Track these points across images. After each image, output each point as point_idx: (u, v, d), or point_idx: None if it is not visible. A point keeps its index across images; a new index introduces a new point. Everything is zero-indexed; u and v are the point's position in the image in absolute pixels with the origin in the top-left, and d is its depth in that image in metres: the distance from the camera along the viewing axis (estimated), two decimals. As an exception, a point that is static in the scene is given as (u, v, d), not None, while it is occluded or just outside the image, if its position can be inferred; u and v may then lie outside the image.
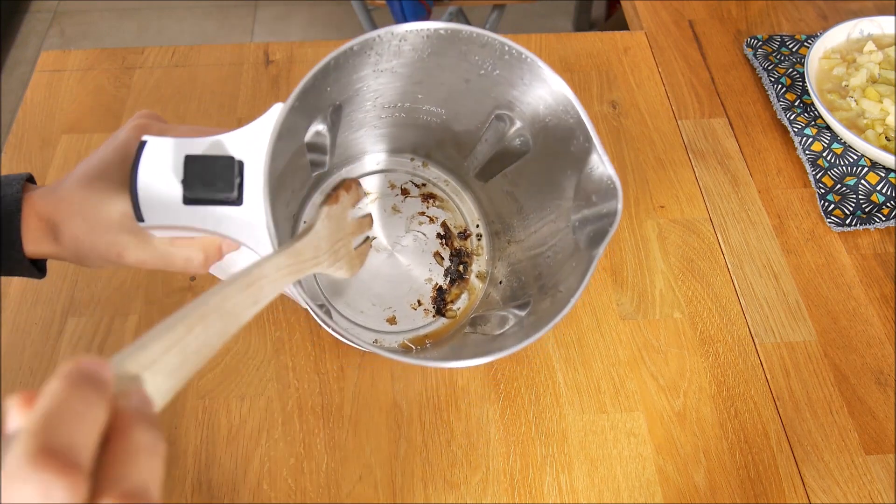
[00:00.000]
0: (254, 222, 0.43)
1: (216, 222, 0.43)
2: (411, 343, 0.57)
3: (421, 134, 0.57)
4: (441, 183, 0.59)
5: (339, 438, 0.63)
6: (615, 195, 0.46)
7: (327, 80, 0.45)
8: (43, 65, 0.90)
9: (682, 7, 0.99)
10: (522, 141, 0.53)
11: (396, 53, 0.47)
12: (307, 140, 0.50)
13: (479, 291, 0.58)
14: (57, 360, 0.67)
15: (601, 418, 0.65)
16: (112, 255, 0.45)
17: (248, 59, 0.91)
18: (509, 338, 0.50)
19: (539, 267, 0.55)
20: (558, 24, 2.13)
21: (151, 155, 0.43)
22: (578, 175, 0.49)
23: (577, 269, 0.48)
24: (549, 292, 0.51)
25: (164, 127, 0.47)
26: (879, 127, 0.81)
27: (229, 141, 0.44)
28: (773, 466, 0.63)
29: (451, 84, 0.51)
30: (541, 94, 0.49)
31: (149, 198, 0.43)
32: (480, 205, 0.59)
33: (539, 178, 0.54)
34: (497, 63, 0.48)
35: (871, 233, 0.77)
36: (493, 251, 0.59)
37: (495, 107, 0.52)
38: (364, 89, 0.50)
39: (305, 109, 0.46)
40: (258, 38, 2.12)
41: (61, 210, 0.44)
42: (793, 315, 0.71)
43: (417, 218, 0.58)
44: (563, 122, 0.49)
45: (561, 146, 0.50)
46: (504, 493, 0.61)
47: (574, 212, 0.51)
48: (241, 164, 0.43)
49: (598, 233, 0.47)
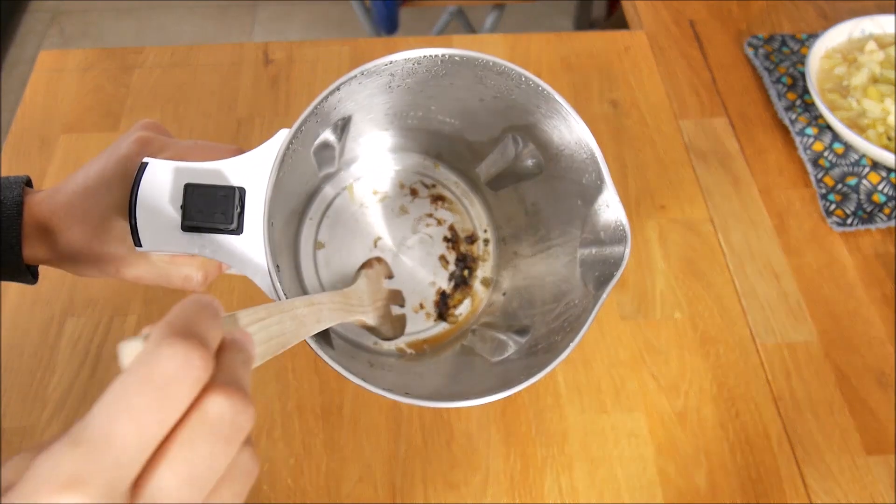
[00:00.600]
0: (253, 251, 0.43)
1: (214, 250, 0.43)
2: (409, 347, 0.56)
3: (433, 137, 0.56)
4: (451, 185, 0.59)
5: (338, 439, 0.63)
6: (624, 239, 0.46)
7: (334, 101, 0.45)
8: (42, 64, 0.90)
9: (682, 6, 0.99)
10: (535, 163, 0.53)
11: (411, 73, 0.47)
12: (314, 149, 0.50)
13: (482, 298, 0.58)
14: (57, 360, 0.67)
15: (602, 419, 0.65)
16: (110, 269, 0.45)
17: (247, 58, 0.91)
18: (509, 368, 0.49)
19: (543, 290, 0.54)
20: (558, 23, 2.13)
21: (151, 178, 0.43)
22: (588, 209, 0.49)
23: (579, 307, 0.48)
24: (549, 322, 0.51)
25: (167, 142, 0.46)
26: (881, 126, 0.81)
27: (231, 168, 0.44)
28: (775, 467, 0.63)
29: (466, 100, 0.51)
30: (555, 124, 0.49)
31: (147, 222, 0.42)
32: (490, 210, 0.59)
33: (550, 200, 0.54)
34: (514, 90, 0.48)
35: (872, 233, 0.77)
36: (500, 258, 0.59)
37: (509, 126, 0.52)
38: (376, 102, 0.50)
39: (311, 131, 0.46)
40: (258, 37, 2.12)
41: (59, 218, 0.44)
42: (794, 315, 0.71)
43: (425, 220, 0.58)
44: (576, 154, 0.49)
45: (573, 175, 0.50)
46: (504, 494, 0.61)
47: (581, 245, 0.51)
48: (242, 192, 0.43)
49: (604, 275, 0.47)
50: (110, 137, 0.83)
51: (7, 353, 0.67)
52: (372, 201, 0.57)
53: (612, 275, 0.46)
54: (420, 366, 0.55)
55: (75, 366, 0.67)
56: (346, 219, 0.56)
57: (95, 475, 0.20)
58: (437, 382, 0.52)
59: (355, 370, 0.44)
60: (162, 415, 0.21)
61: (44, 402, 0.65)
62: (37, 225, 0.44)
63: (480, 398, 0.43)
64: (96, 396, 0.71)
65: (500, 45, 0.93)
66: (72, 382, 0.66)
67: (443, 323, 0.57)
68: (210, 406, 0.22)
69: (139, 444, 0.21)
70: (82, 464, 0.20)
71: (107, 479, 0.20)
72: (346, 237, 0.56)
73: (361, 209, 0.56)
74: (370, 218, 0.56)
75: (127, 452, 0.20)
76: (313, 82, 0.89)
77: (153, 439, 0.21)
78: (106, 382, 0.65)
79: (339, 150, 0.52)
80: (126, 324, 0.69)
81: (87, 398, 0.65)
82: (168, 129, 0.49)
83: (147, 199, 0.43)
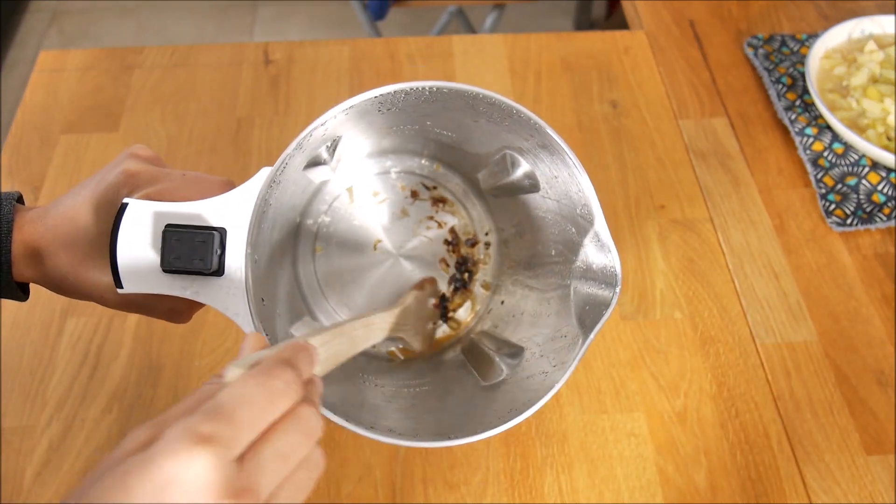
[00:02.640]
0: (234, 293, 0.43)
1: (196, 291, 0.44)
2: (401, 353, 0.56)
3: (432, 144, 0.56)
4: (453, 186, 0.58)
5: (338, 438, 0.63)
6: (614, 283, 0.46)
7: (319, 133, 0.45)
8: (42, 64, 0.90)
9: (682, 7, 0.99)
10: (531, 183, 0.52)
11: (401, 100, 0.47)
12: (305, 167, 0.50)
13: (482, 302, 0.58)
14: (57, 360, 0.67)
15: (602, 418, 0.65)
16: (94, 295, 0.46)
17: (247, 58, 0.91)
18: (496, 399, 0.50)
19: (537, 311, 0.54)
20: (558, 23, 2.13)
21: (132, 220, 0.43)
22: (581, 239, 0.49)
23: (568, 340, 0.48)
24: (536, 351, 0.51)
25: (155, 173, 0.46)
26: (880, 126, 0.81)
27: (213, 208, 0.44)
28: (774, 467, 0.63)
29: (461, 120, 0.50)
30: (548, 154, 0.48)
31: (128, 264, 0.43)
32: (491, 213, 0.58)
33: (546, 219, 0.54)
34: (506, 119, 0.47)
35: (871, 233, 0.77)
36: (501, 262, 0.58)
37: (505, 146, 0.52)
38: (369, 124, 0.50)
39: (296, 160, 0.46)
40: (258, 37, 2.12)
41: (47, 240, 0.44)
42: (794, 315, 0.71)
43: (426, 222, 0.57)
44: (569, 186, 0.48)
45: (567, 202, 0.49)
46: (504, 494, 0.61)
47: (573, 276, 0.50)
48: (223, 234, 0.43)
49: (593, 316, 0.47)
50: (110, 137, 0.84)
51: (7, 353, 0.67)
52: (371, 203, 0.56)
53: (601, 315, 0.46)
54: (411, 377, 0.54)
55: (75, 366, 0.67)
56: (346, 221, 0.55)
57: (222, 438, 0.27)
58: (430, 405, 0.52)
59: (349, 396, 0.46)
60: (270, 412, 0.30)
61: (44, 402, 0.65)
62: (25, 245, 0.45)
63: (455, 440, 0.45)
64: (96, 396, 0.71)
65: (500, 45, 0.93)
66: (72, 382, 0.66)
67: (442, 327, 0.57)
68: (302, 412, 0.31)
69: (253, 426, 0.29)
70: (214, 429, 0.27)
71: (228, 443, 0.27)
72: (345, 240, 0.55)
73: (361, 211, 0.56)
74: (370, 220, 0.56)
75: (244, 429, 0.28)
76: (313, 82, 0.89)
77: (261, 424, 0.29)
78: (106, 382, 0.66)
79: (333, 164, 0.52)
80: (126, 324, 0.69)
81: (87, 398, 0.65)
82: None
83: (128, 241, 0.43)
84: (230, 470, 0.27)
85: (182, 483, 0.26)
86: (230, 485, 0.27)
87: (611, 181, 0.81)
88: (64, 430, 0.63)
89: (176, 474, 0.26)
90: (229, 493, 0.27)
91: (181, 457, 0.26)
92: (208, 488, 0.26)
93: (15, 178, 0.80)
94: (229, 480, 0.27)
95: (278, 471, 0.30)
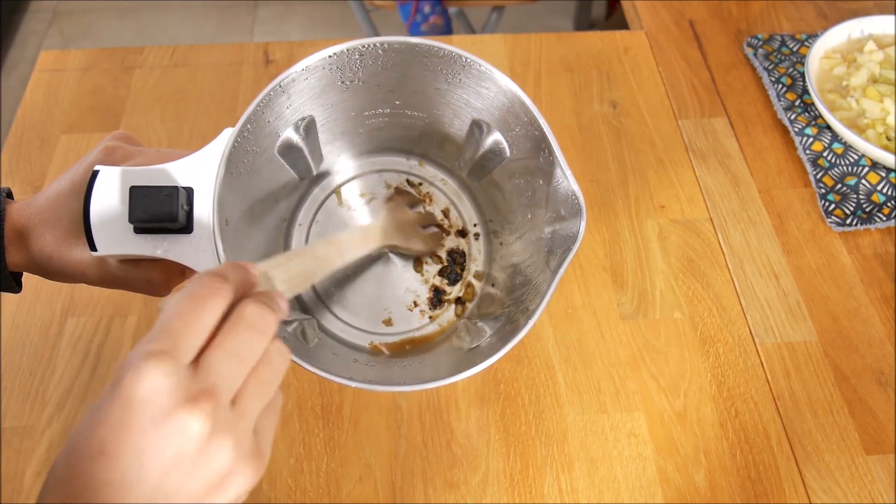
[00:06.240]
0: (204, 249, 0.45)
1: (167, 249, 0.45)
2: (387, 348, 0.56)
3: (408, 134, 0.57)
4: (438, 181, 0.59)
5: (338, 438, 0.63)
6: (579, 211, 0.46)
7: (281, 100, 0.46)
8: (42, 64, 0.90)
9: (682, 7, 0.99)
10: (500, 148, 0.53)
11: (359, 67, 0.48)
12: (278, 150, 0.51)
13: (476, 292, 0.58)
14: (57, 360, 0.67)
15: (601, 418, 0.65)
16: (76, 273, 0.47)
17: (247, 58, 0.91)
18: (481, 353, 0.50)
19: (520, 276, 0.55)
20: (558, 23, 2.13)
21: (103, 185, 0.45)
22: (549, 187, 0.49)
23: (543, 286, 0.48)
24: (521, 307, 0.51)
25: (132, 150, 0.49)
26: (880, 126, 0.81)
27: (178, 169, 0.46)
28: (774, 467, 0.63)
29: (424, 91, 0.52)
30: (503, 101, 0.49)
31: (101, 227, 0.45)
32: (478, 204, 0.59)
33: (519, 184, 0.55)
34: (460, 73, 0.48)
35: (871, 233, 0.77)
36: (491, 251, 0.59)
37: (471, 112, 0.53)
38: (336, 102, 0.51)
39: (264, 130, 0.47)
40: (258, 37, 2.12)
41: (34, 223, 0.46)
42: (793, 315, 0.71)
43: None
44: (529, 133, 0.49)
45: (532, 155, 0.50)
46: (504, 494, 0.61)
47: (546, 224, 0.51)
48: (189, 192, 0.45)
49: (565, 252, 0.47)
50: (110, 137, 0.84)
51: (7, 353, 0.67)
52: (359, 204, 0.57)
53: (570, 250, 0.46)
54: (401, 362, 0.55)
55: (75, 366, 0.67)
56: (336, 223, 0.56)
57: (165, 349, 0.29)
58: (420, 374, 0.53)
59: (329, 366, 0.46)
60: (201, 316, 0.31)
61: (44, 402, 0.65)
62: (14, 230, 0.46)
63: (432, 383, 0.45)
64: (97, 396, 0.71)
65: (500, 45, 0.93)
66: (72, 382, 0.66)
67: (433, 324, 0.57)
68: (243, 309, 0.32)
69: (190, 332, 0.31)
70: (157, 344, 0.30)
71: (172, 351, 0.30)
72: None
73: (350, 212, 0.56)
74: (359, 220, 0.57)
75: (182, 336, 0.30)
76: (313, 82, 0.89)
77: (199, 328, 0.31)
78: (106, 382, 0.66)
79: (308, 152, 0.53)
80: (126, 324, 0.69)
81: (87, 398, 0.65)
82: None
83: (100, 205, 0.45)
84: (181, 376, 0.29)
85: (141, 399, 0.29)
86: (184, 390, 0.29)
87: (611, 181, 0.81)
88: (64, 431, 0.63)
89: (134, 392, 0.29)
90: (186, 397, 0.29)
91: (133, 375, 0.29)
92: (164, 397, 0.29)
93: (15, 177, 0.80)
94: (182, 386, 0.29)
95: (235, 369, 0.31)
